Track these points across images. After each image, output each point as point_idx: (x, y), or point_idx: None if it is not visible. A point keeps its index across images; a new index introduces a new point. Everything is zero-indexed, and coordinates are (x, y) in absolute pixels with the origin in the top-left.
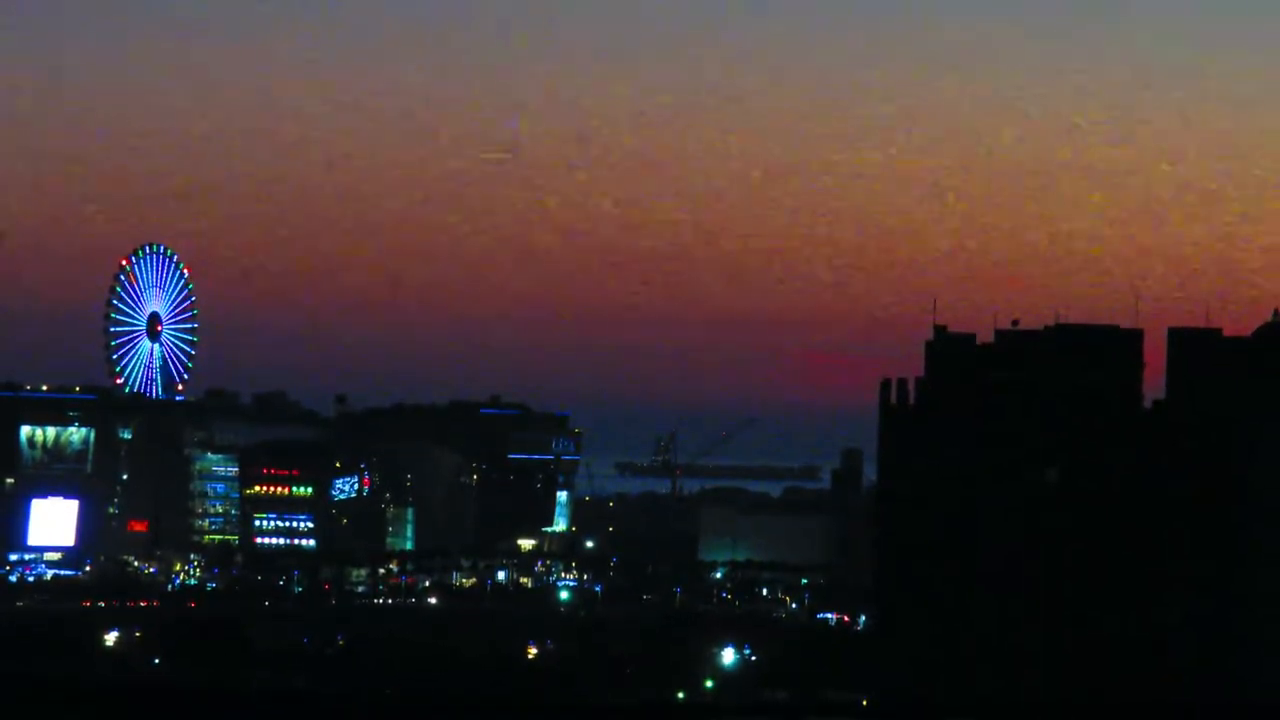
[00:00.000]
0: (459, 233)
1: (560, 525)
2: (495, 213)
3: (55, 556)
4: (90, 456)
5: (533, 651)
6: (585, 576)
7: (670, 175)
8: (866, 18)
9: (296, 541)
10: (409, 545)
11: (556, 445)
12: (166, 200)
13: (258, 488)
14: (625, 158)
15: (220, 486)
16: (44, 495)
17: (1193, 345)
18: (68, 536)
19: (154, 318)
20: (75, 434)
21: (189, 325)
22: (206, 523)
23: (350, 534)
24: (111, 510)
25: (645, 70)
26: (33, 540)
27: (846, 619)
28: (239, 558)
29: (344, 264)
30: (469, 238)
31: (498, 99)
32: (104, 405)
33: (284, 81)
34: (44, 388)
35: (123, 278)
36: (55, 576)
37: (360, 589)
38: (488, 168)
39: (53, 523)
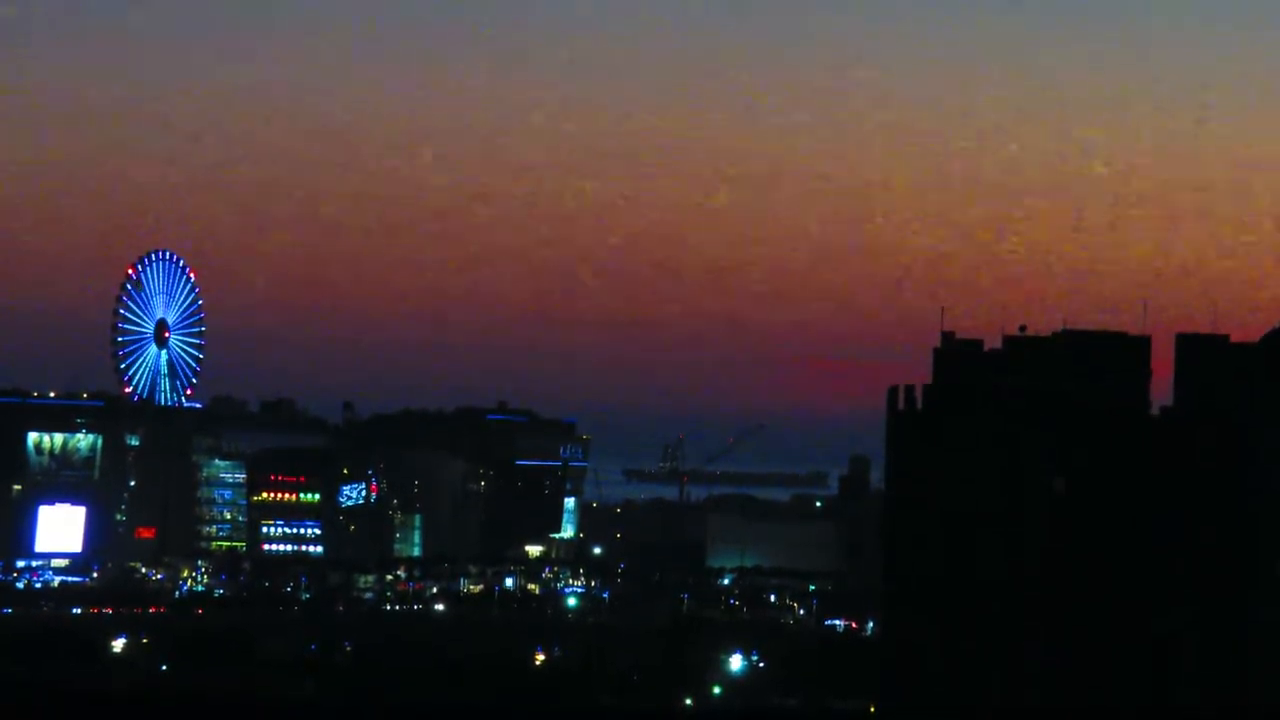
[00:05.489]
0: (465, 240)
1: (568, 532)
2: (502, 220)
3: (62, 563)
4: (98, 463)
5: (540, 658)
6: (593, 583)
7: (676, 181)
8: (884, 20)
9: (304, 548)
10: (416, 552)
11: (564, 452)
12: (174, 207)
13: (265, 494)
14: (632, 165)
15: (228, 493)
16: (51, 502)
17: (1200, 351)
18: (75, 543)
19: (161, 324)
20: (83, 441)
21: (196, 331)
22: (214, 529)
23: (357, 541)
24: (119, 517)
25: (648, 79)
26: (40, 547)
27: (854, 625)
28: (246, 564)
29: (352, 271)
30: (475, 245)
31: (501, 107)
32: (111, 412)
33: (292, 87)
34: (51, 394)
35: (130, 285)
36: (62, 583)
37: (368, 596)
38: (494, 173)
39: (60, 529)
